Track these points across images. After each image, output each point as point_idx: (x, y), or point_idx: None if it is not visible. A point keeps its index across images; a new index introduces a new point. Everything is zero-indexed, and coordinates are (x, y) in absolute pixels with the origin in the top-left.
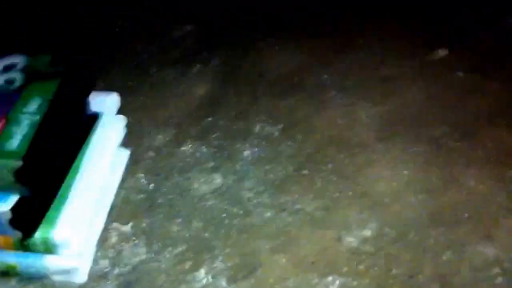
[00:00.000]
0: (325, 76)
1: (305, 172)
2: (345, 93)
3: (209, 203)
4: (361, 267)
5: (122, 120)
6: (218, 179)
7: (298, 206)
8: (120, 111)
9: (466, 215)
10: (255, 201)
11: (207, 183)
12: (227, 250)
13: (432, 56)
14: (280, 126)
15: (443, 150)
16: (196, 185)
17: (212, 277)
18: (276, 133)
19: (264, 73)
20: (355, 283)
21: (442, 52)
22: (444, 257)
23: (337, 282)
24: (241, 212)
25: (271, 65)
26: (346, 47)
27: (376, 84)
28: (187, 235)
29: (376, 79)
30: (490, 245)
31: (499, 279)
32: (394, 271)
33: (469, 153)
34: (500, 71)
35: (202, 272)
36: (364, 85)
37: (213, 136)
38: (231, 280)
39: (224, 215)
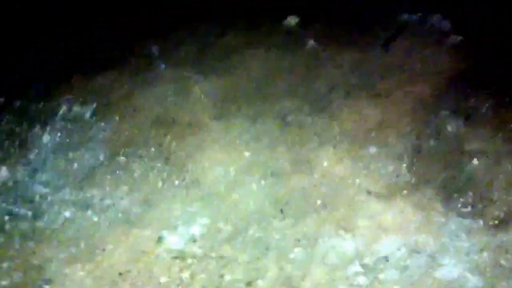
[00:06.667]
0: (154, 48)
1: (121, 159)
2: (177, 67)
3: None
4: (186, 274)
5: None
6: (3, 173)
7: (108, 202)
8: None
9: (319, 201)
10: (50, 198)
11: None
12: (5, 264)
13: (281, 25)
14: (93, 106)
15: (292, 127)
16: None
17: None
18: (88, 115)
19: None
20: None
21: (292, 20)
22: (292, 256)
23: None
24: (30, 213)
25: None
26: (180, 17)
27: (215, 56)
28: None
29: (215, 51)
30: (348, 238)
31: (360, 279)
32: (227, 278)
33: (323, 129)
34: (356, 40)
35: None
36: (200, 58)
37: (3, 120)
38: None
39: (7, 217)
